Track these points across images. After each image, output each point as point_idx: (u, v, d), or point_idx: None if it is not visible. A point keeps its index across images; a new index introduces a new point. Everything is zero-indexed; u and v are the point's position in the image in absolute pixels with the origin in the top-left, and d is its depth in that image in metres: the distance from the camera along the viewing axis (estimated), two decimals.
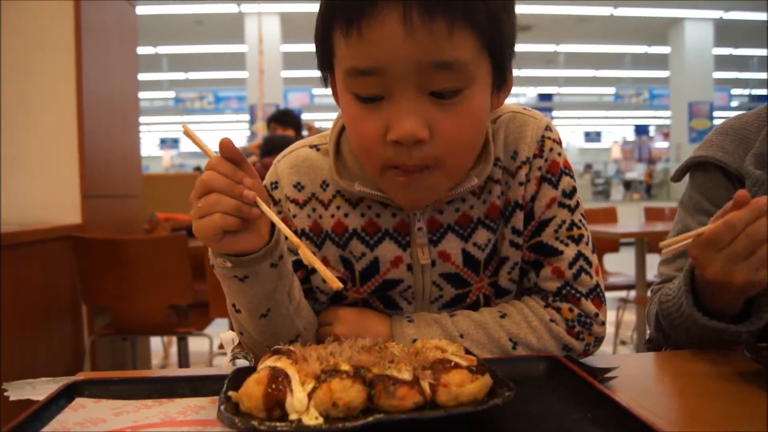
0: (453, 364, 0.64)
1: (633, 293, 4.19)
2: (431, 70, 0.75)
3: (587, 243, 0.96)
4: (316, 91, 15.92)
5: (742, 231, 0.83)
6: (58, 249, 2.81)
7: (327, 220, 0.95)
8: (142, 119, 4.01)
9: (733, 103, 18.03)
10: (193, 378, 0.77)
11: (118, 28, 3.58)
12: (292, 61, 13.74)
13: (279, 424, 0.58)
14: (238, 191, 0.74)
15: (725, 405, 0.74)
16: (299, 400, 0.59)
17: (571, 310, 0.93)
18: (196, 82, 17.57)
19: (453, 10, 0.73)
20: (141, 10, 3.90)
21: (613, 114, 21.92)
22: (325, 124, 4.25)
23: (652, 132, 21.10)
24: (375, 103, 0.79)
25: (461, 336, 0.90)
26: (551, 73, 16.72)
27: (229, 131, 24.37)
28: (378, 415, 0.59)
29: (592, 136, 24.34)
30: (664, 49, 14.29)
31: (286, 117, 4.79)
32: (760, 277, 0.84)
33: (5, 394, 0.75)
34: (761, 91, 17.55)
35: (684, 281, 0.99)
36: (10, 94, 2.98)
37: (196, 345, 4.71)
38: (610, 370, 0.80)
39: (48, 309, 2.76)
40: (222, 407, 0.61)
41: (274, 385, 0.60)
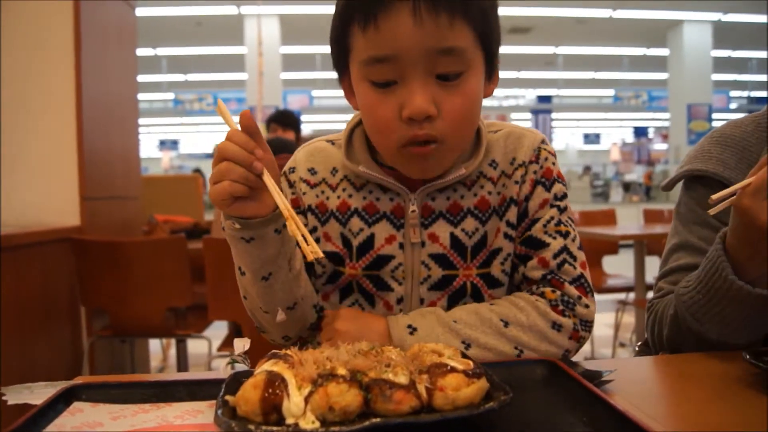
0: (449, 368, 0.64)
1: (632, 295, 4.20)
2: (437, 55, 0.89)
3: (573, 240, 1.03)
4: (315, 92, 15.94)
5: None
6: (56, 251, 2.81)
7: (333, 200, 1.07)
8: (141, 121, 4.01)
9: (732, 105, 18.06)
10: (191, 382, 0.77)
11: (118, 30, 3.58)
12: (291, 62, 13.77)
13: (276, 428, 0.58)
14: (249, 161, 0.82)
15: (724, 409, 0.74)
16: (296, 405, 0.60)
17: (553, 292, 1.00)
18: (196, 83, 17.57)
19: (453, 6, 0.88)
20: (140, 11, 3.90)
21: (612, 116, 21.95)
22: (324, 125, 4.25)
23: (651, 134, 21.14)
24: (389, 87, 0.92)
25: (455, 321, 0.96)
26: (550, 75, 16.72)
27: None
28: (374, 419, 0.59)
29: (591, 138, 24.37)
30: (663, 51, 14.31)
31: (287, 118, 4.72)
32: None
33: (3, 398, 0.75)
34: (760, 93, 17.58)
35: (717, 254, 0.97)
36: (9, 95, 2.98)
37: (195, 347, 4.71)
38: (607, 373, 0.80)
39: (47, 311, 2.76)
40: (219, 411, 0.61)
41: (270, 390, 0.60)
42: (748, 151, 1.13)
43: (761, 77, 16.04)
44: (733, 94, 18.25)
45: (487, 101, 1.06)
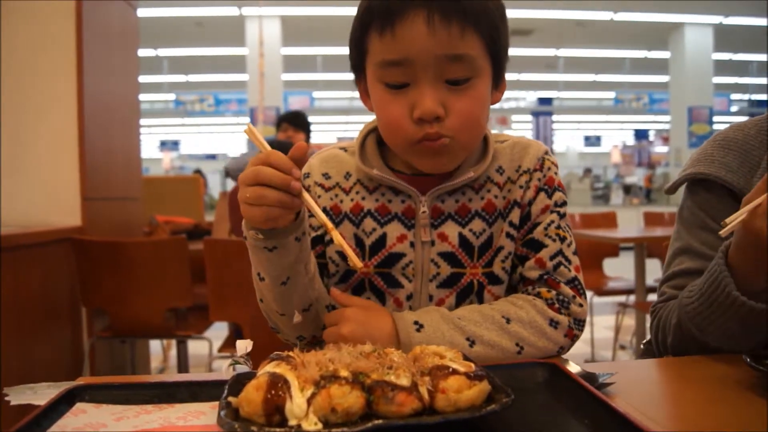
0: (451, 370, 0.64)
1: (632, 298, 4.20)
2: (447, 61, 0.95)
3: (569, 245, 1.09)
4: (316, 94, 15.94)
5: None
6: (57, 251, 2.81)
7: (347, 203, 1.11)
8: (142, 121, 4.01)
9: (733, 108, 18.07)
10: (194, 383, 0.77)
11: (119, 30, 3.58)
12: (292, 64, 13.77)
13: (278, 429, 0.58)
14: (286, 183, 0.84)
15: (724, 411, 0.74)
16: (298, 406, 0.60)
17: (549, 292, 1.05)
18: (197, 84, 17.58)
19: (464, 16, 0.94)
20: (142, 12, 3.90)
21: (613, 118, 21.93)
22: (325, 127, 4.20)
23: (652, 136, 21.13)
24: (402, 89, 0.98)
25: (459, 318, 1.00)
26: (551, 77, 16.72)
27: (229, 134, 24.38)
28: (377, 421, 0.60)
29: (592, 141, 24.37)
30: (664, 54, 14.33)
31: (299, 119, 4.61)
32: None
33: (6, 398, 0.76)
34: (761, 96, 17.57)
35: (720, 269, 0.96)
36: (10, 95, 2.98)
37: (196, 348, 4.71)
38: (608, 376, 0.80)
39: (47, 311, 2.76)
40: (222, 412, 0.61)
41: (273, 391, 0.60)
42: (750, 154, 1.12)
43: (762, 80, 16.03)
44: (734, 96, 18.26)
45: None
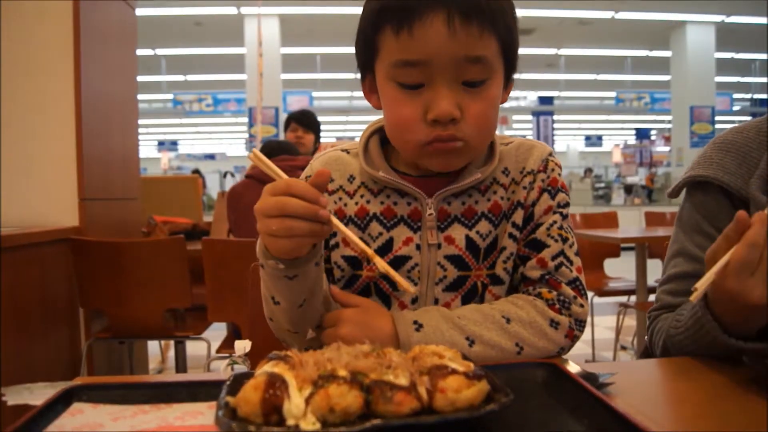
0: (450, 369, 0.64)
1: (633, 298, 4.19)
2: (465, 63, 0.94)
3: (571, 246, 1.09)
4: (315, 93, 15.93)
5: None
6: (55, 252, 2.81)
7: (351, 207, 1.10)
8: (141, 121, 4.01)
9: (735, 108, 18.05)
10: (191, 383, 0.77)
11: (117, 30, 3.58)
12: (291, 63, 13.76)
13: (276, 429, 0.58)
14: (313, 213, 0.83)
15: (724, 411, 0.74)
16: (296, 406, 0.59)
17: (550, 292, 1.04)
18: (195, 84, 17.57)
19: (483, 18, 0.93)
20: (140, 11, 3.89)
21: (614, 118, 21.94)
22: (324, 126, 4.15)
23: (654, 136, 21.15)
24: (416, 90, 0.96)
25: (459, 317, 0.99)
26: (552, 76, 16.73)
27: (227, 133, 24.40)
28: (375, 421, 0.59)
29: (593, 140, 24.40)
30: (666, 53, 14.31)
31: (309, 119, 4.36)
32: None
33: (3, 398, 0.75)
34: (763, 96, 17.58)
35: (702, 311, 0.94)
36: (8, 95, 2.97)
37: (194, 349, 4.71)
38: (607, 376, 0.80)
39: (45, 312, 2.75)
40: (220, 412, 0.61)
41: (271, 391, 0.60)
42: (749, 156, 1.13)
43: (764, 79, 16.03)
44: (736, 96, 18.23)
45: None
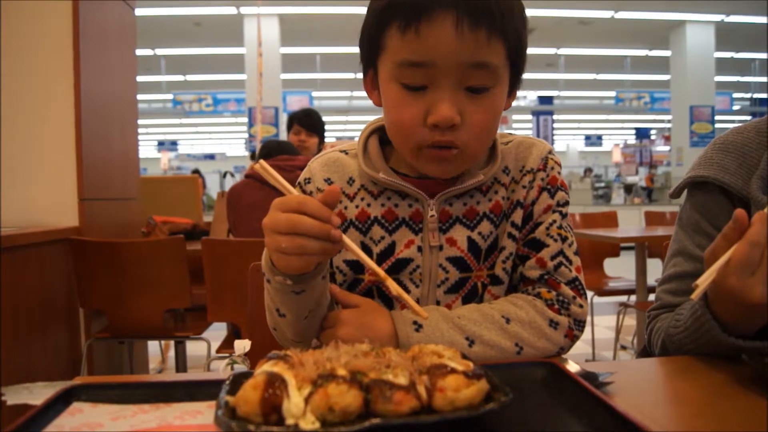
0: (449, 369, 0.64)
1: (633, 298, 4.19)
2: (470, 68, 0.92)
3: (570, 245, 1.08)
4: (315, 93, 15.93)
5: None
6: (55, 252, 2.80)
7: (351, 210, 1.09)
8: (140, 121, 4.01)
9: (735, 107, 18.06)
10: (191, 383, 0.77)
11: (117, 30, 3.58)
12: (291, 63, 13.76)
13: (276, 428, 0.58)
14: (326, 233, 0.82)
15: (724, 410, 0.74)
16: (296, 405, 0.59)
17: (549, 292, 1.04)
18: (195, 84, 17.57)
19: (493, 24, 0.90)
20: (139, 11, 3.89)
21: (614, 117, 21.95)
22: (324, 126, 4.07)
23: (653, 136, 21.14)
24: (419, 91, 0.94)
25: (458, 317, 0.99)
26: (552, 76, 16.73)
27: (227, 133, 24.40)
28: (374, 420, 0.59)
29: (593, 140, 24.39)
30: (666, 53, 14.31)
31: (313, 120, 4.02)
32: None
33: (3, 398, 0.75)
34: (763, 95, 17.57)
35: (702, 311, 0.95)
36: (7, 95, 2.97)
37: (194, 349, 4.71)
38: (607, 375, 0.80)
39: (45, 312, 2.75)
40: (219, 412, 0.61)
41: (270, 390, 0.60)
42: (748, 157, 1.13)
43: (764, 79, 16.04)
44: (735, 95, 18.24)
45: None
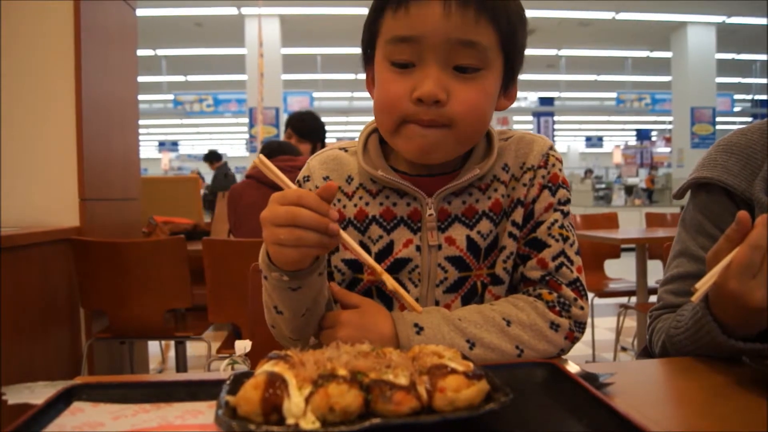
0: (450, 369, 0.64)
1: (634, 299, 4.19)
2: (458, 46, 0.93)
3: (572, 245, 1.07)
4: (315, 94, 15.93)
5: None
6: (56, 252, 2.81)
7: (350, 209, 1.09)
8: (141, 122, 4.01)
9: (736, 108, 18.05)
10: (192, 383, 0.77)
11: (118, 30, 3.58)
12: (291, 64, 13.76)
13: (276, 428, 0.58)
14: (324, 226, 0.83)
15: (724, 411, 0.74)
16: (296, 405, 0.59)
17: (550, 294, 1.03)
18: (196, 84, 17.58)
19: (482, 5, 0.93)
20: (141, 12, 3.89)
21: (615, 119, 21.93)
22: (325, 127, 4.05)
23: (654, 137, 21.14)
24: (407, 69, 0.96)
25: (459, 319, 0.98)
26: (553, 77, 16.73)
27: (228, 134, 24.40)
28: (374, 420, 0.59)
29: (594, 141, 24.40)
30: (667, 54, 14.30)
31: (303, 124, 3.89)
32: None
33: (4, 397, 0.75)
34: (764, 96, 17.56)
35: (703, 312, 0.95)
36: (8, 95, 2.98)
37: (194, 349, 4.72)
38: (607, 376, 0.80)
39: (46, 312, 2.76)
40: (219, 411, 0.61)
41: (271, 390, 0.60)
42: (752, 158, 1.13)
43: (765, 80, 16.04)
44: (736, 97, 18.23)
45: None
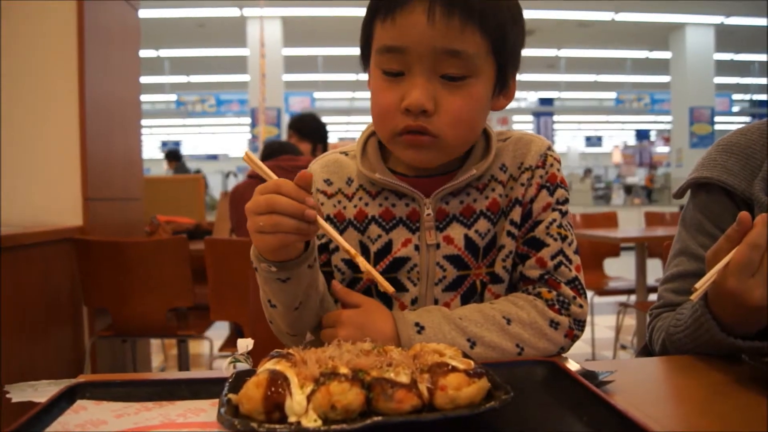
0: (450, 367, 0.64)
1: (633, 298, 4.19)
2: (444, 55, 0.94)
3: (570, 244, 1.07)
4: (317, 94, 15.93)
5: None
6: (59, 251, 2.81)
7: (350, 209, 1.10)
8: (144, 122, 4.02)
9: (735, 108, 18.03)
10: (194, 381, 0.78)
11: (121, 31, 3.58)
12: (293, 64, 13.76)
13: (278, 426, 0.59)
14: (300, 211, 0.84)
15: (724, 409, 0.74)
16: (298, 403, 0.60)
17: (550, 292, 1.04)
18: (198, 85, 17.58)
19: (469, 13, 0.93)
20: (143, 12, 3.89)
21: (614, 119, 21.91)
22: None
23: (653, 137, 21.11)
24: (396, 78, 0.97)
25: (460, 318, 0.99)
26: (552, 77, 16.71)
27: (230, 134, 24.39)
28: (376, 418, 0.60)
29: (593, 141, 24.33)
30: (665, 54, 14.30)
31: (305, 126, 4.00)
32: None
33: (7, 396, 0.76)
34: (762, 96, 17.55)
35: (702, 311, 0.95)
36: (11, 96, 2.98)
37: (197, 348, 4.72)
38: (607, 374, 0.80)
39: (48, 311, 2.76)
40: (222, 410, 0.61)
41: (273, 388, 0.60)
42: (752, 158, 1.13)
43: (763, 80, 16.03)
44: (735, 97, 18.22)
45: None
